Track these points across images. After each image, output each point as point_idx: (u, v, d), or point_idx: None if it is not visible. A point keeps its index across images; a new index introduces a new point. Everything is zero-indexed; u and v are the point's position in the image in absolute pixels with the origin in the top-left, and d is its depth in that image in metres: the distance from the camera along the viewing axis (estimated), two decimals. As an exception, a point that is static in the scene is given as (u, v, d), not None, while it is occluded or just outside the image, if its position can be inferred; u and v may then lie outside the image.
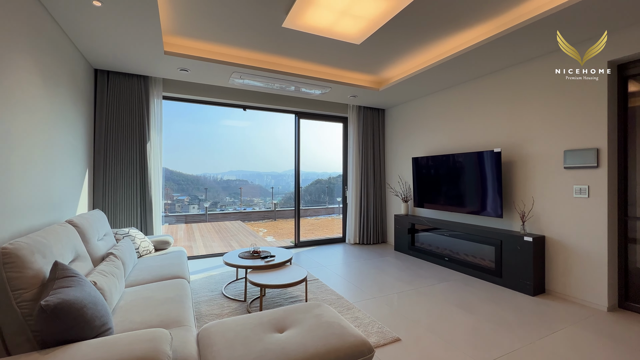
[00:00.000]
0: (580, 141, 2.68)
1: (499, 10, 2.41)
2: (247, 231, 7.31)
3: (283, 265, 2.83)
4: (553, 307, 2.58)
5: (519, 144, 3.16)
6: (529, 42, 2.67)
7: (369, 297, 2.84)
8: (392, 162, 5.12)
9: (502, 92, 3.32)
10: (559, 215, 2.82)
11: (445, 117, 4.06)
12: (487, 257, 3.31)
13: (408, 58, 3.38)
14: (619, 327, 2.25)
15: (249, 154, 19.28)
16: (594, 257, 2.58)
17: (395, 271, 3.61)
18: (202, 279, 3.32)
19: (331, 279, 3.33)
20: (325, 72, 3.82)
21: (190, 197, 12.50)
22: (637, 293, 2.53)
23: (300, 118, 4.90)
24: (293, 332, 1.45)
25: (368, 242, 5.07)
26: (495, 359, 1.85)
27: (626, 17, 2.26)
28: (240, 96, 4.21)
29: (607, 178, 2.52)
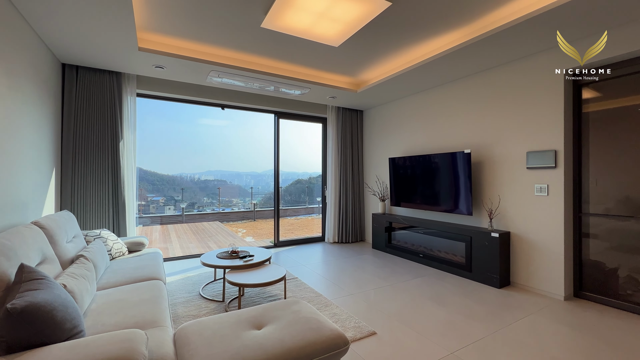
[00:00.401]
0: (540, 143, 2.89)
1: (468, 18, 2.55)
2: (225, 232, 7.20)
3: (262, 264, 2.84)
4: (516, 298, 2.77)
5: (487, 145, 3.35)
6: (495, 50, 2.84)
7: (346, 294, 2.91)
8: (370, 162, 5.25)
9: (472, 97, 3.51)
10: (522, 212, 3.02)
11: (420, 119, 4.22)
12: (459, 253, 3.48)
13: (385, 61, 3.49)
14: (574, 314, 2.46)
15: (228, 154, 18.91)
16: (552, 251, 2.80)
17: (372, 268, 3.71)
18: (179, 280, 3.26)
19: (310, 278, 3.38)
20: (305, 73, 3.86)
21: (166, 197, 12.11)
22: (590, 283, 2.76)
23: (279, 118, 4.90)
24: (271, 328, 1.48)
25: (347, 241, 5.16)
26: (464, 347, 1.97)
27: (581, 30, 2.47)
28: (219, 95, 4.16)
29: (564, 178, 2.74)
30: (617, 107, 2.65)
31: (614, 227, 2.65)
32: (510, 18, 2.42)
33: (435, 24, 2.64)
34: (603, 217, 2.71)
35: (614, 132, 2.65)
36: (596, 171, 2.75)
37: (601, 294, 2.69)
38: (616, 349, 1.95)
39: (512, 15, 2.42)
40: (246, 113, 4.77)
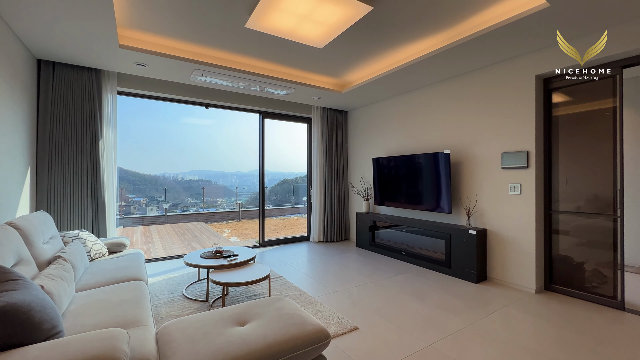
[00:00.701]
0: (514, 144, 3.04)
1: (447, 24, 2.66)
2: (209, 232, 7.12)
3: (246, 264, 2.85)
4: (492, 292, 2.90)
5: (465, 146, 3.49)
6: (472, 54, 2.97)
7: (330, 291, 2.96)
8: (354, 162, 5.33)
9: (452, 99, 3.64)
10: (498, 210, 3.17)
11: (402, 120, 4.33)
12: (439, 250, 3.60)
13: (368, 63, 3.56)
14: (543, 305, 2.60)
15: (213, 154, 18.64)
16: (525, 247, 2.95)
17: (356, 266, 3.78)
18: (161, 281, 3.22)
19: (295, 276, 3.41)
20: (290, 74, 3.88)
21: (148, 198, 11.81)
22: (559, 277, 2.93)
23: (264, 118, 4.91)
24: (254, 324, 1.51)
25: (332, 240, 5.22)
26: (441, 339, 2.06)
27: (549, 38, 2.62)
28: (203, 94, 4.12)
29: (535, 177, 2.89)
30: (584, 111, 2.82)
31: (583, 224, 2.83)
32: (485, 25, 2.54)
33: (416, 29, 2.73)
34: (572, 215, 2.88)
35: (582, 135, 2.83)
36: (566, 171, 2.92)
37: (569, 286, 2.86)
38: (581, 337, 2.09)
39: (487, 22, 2.54)
40: (231, 112, 4.75)
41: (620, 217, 2.55)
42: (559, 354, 1.90)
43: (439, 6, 2.38)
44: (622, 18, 2.29)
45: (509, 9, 2.39)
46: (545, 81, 2.97)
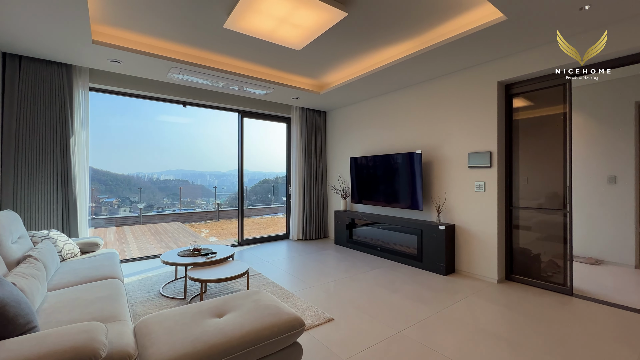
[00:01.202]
0: (479, 145, 3.26)
1: (418, 31, 2.82)
2: (187, 232, 7.01)
3: (225, 261, 2.89)
4: (458, 283, 3.11)
5: (436, 146, 3.70)
6: (441, 60, 3.16)
7: (308, 286, 3.05)
8: (332, 162, 5.45)
9: (424, 102, 3.84)
10: (465, 206, 3.39)
11: (378, 121, 4.50)
12: (411, 245, 3.79)
13: (345, 66, 3.69)
14: (504, 294, 2.83)
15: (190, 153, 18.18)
16: (488, 241, 3.18)
17: (333, 262, 3.90)
18: (137, 281, 3.18)
19: (273, 273, 3.47)
20: (269, 74, 3.94)
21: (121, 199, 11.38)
22: (519, 268, 3.18)
23: (244, 117, 4.92)
24: (231, 315, 1.57)
25: (311, 238, 5.31)
26: (410, 326, 2.21)
27: (510, 47, 2.85)
28: (180, 92, 4.09)
29: (497, 175, 3.13)
30: (540, 116, 3.08)
31: (539, 219, 3.09)
32: (452, 34, 2.73)
33: (388, 35, 2.88)
34: (529, 210, 3.14)
35: (538, 137, 3.09)
36: (525, 170, 3.17)
37: (527, 276, 3.11)
38: (533, 319, 2.31)
39: (453, 32, 2.73)
40: (210, 111, 4.73)
41: (569, 212, 2.82)
42: (513, 334, 2.09)
43: (409, 15, 2.53)
44: (573, 30, 2.54)
45: (473, 19, 2.59)
46: (506, 87, 3.22)
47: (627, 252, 3.64)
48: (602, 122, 3.86)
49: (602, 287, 2.97)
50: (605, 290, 2.90)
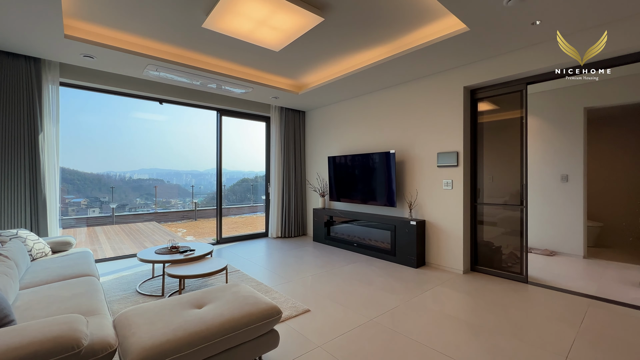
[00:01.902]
0: (447, 146, 3.49)
1: (391, 37, 2.99)
2: (163, 232, 6.87)
3: (203, 258, 2.92)
4: (428, 275, 3.32)
5: (408, 146, 3.90)
6: (413, 65, 3.36)
7: (286, 281, 3.15)
8: (311, 161, 5.57)
9: (397, 104, 4.04)
10: (434, 203, 3.61)
11: (355, 121, 4.66)
12: (386, 241, 3.98)
13: (323, 67, 3.81)
14: (468, 283, 3.06)
15: (166, 151, 17.66)
16: (455, 234, 3.42)
17: (311, 258, 4.02)
18: (113, 280, 3.14)
19: (252, 269, 3.54)
20: (247, 73, 3.98)
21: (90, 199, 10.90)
22: (483, 259, 3.44)
23: (222, 115, 4.92)
24: (211, 306, 1.64)
25: (289, 235, 5.40)
26: (381, 314, 2.36)
27: (476, 54, 3.08)
28: (157, 89, 4.04)
29: (463, 174, 3.37)
30: (501, 119, 3.35)
31: (500, 214, 3.36)
32: (422, 40, 2.92)
33: (363, 40, 3.03)
34: (491, 206, 3.40)
35: (501, 139, 3.36)
36: (490, 169, 3.43)
37: (490, 267, 3.38)
38: (492, 305, 2.53)
39: (424, 39, 2.92)
40: (187, 109, 4.69)
41: (525, 207, 3.10)
42: (473, 318, 2.30)
43: (381, 23, 2.69)
44: (529, 42, 2.80)
45: (440, 28, 2.78)
46: (471, 92, 3.46)
47: (577, 244, 4.03)
48: (556, 125, 4.23)
49: (554, 276, 3.28)
50: (557, 277, 3.21)
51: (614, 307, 2.50)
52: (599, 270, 3.45)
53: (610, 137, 4.80)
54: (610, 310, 2.44)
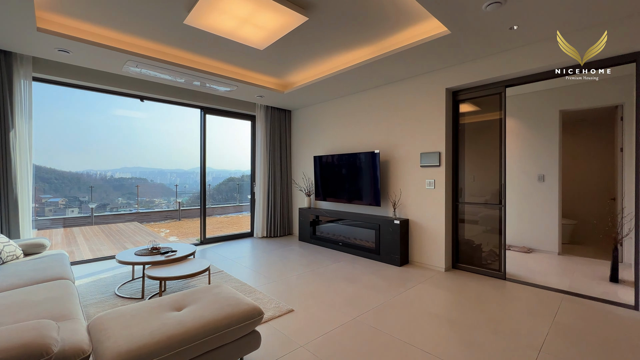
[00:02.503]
0: (430, 146, 3.56)
1: (375, 38, 3.02)
2: (145, 232, 6.69)
3: (185, 259, 2.87)
4: (411, 273, 3.38)
5: (392, 146, 3.95)
6: (397, 66, 3.40)
7: (270, 281, 3.13)
8: (297, 160, 5.55)
9: (382, 104, 4.08)
10: (417, 202, 3.68)
11: (341, 121, 4.69)
12: (370, 240, 4.02)
13: (309, 67, 3.80)
14: (449, 280, 3.14)
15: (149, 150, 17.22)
16: (437, 233, 3.49)
17: (297, 258, 4.01)
18: (90, 282, 3.04)
19: (236, 270, 3.50)
20: (232, 71, 3.93)
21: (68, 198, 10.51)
22: (464, 257, 3.53)
23: (206, 113, 4.84)
24: (191, 308, 1.62)
25: (275, 235, 5.37)
26: (364, 312, 2.39)
27: (458, 57, 3.15)
28: (138, 86, 3.93)
29: (445, 174, 3.44)
30: (482, 120, 3.45)
31: (480, 213, 3.46)
32: (406, 42, 2.97)
33: (348, 40, 3.04)
34: (472, 205, 3.50)
35: (481, 140, 3.45)
36: (471, 169, 3.52)
37: (471, 264, 3.47)
38: (471, 301, 2.61)
39: (406, 40, 2.96)
40: (171, 106, 4.59)
41: (503, 206, 3.20)
42: (453, 314, 2.36)
43: (365, 24, 2.71)
44: (506, 47, 2.89)
45: (423, 30, 2.83)
46: (453, 93, 3.54)
47: (552, 241, 4.19)
48: (533, 127, 4.39)
49: (530, 272, 3.40)
50: (533, 274, 3.33)
51: (585, 301, 2.62)
52: (572, 266, 3.60)
53: (582, 139, 5.01)
54: (582, 304, 2.56)
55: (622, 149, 3.78)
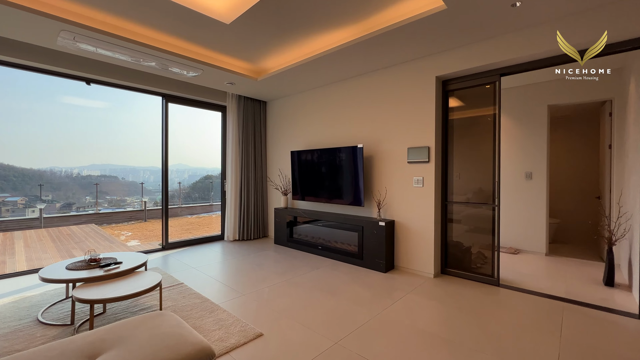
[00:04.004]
0: (418, 140, 3.24)
1: (357, 17, 2.63)
2: (100, 236, 5.98)
3: (132, 272, 2.37)
4: (398, 280, 3.05)
5: (377, 141, 3.60)
6: (381, 50, 3.04)
7: (238, 295, 2.69)
8: (273, 155, 5.10)
9: (365, 95, 3.72)
10: (404, 202, 3.35)
11: (321, 113, 4.28)
12: (352, 243, 3.66)
13: (284, 50, 3.36)
14: (440, 288, 2.83)
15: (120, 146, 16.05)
16: (426, 236, 3.18)
17: (271, 264, 3.58)
18: (10, 303, 2.46)
19: (199, 281, 3.02)
20: (197, 52, 3.41)
21: (30, 197, 9.49)
22: (453, 261, 3.25)
23: (168, 102, 4.27)
24: (111, 355, 1.16)
25: (248, 238, 4.90)
26: (348, 334, 2.01)
27: (451, 40, 2.83)
28: (82, 65, 3.32)
29: (435, 171, 3.14)
30: (475, 114, 3.17)
31: (472, 213, 3.18)
32: (390, 22, 2.60)
33: (327, 19, 2.64)
34: (462, 205, 3.22)
35: (474, 134, 3.17)
36: (459, 167, 3.24)
37: (461, 269, 3.19)
38: (466, 314, 2.30)
39: (392, 20, 2.60)
40: (136, 95, 3.99)
41: (497, 206, 2.94)
42: (450, 333, 2.04)
43: None
44: (505, 29, 2.60)
45: (413, 7, 2.48)
46: (444, 83, 3.24)
47: (539, 242, 4.03)
48: (520, 122, 4.20)
49: (523, 276, 3.18)
50: (526, 278, 3.11)
51: (586, 310, 2.39)
52: (563, 268, 3.43)
53: (563, 136, 4.92)
54: (584, 314, 2.32)
55: (610, 145, 3.65)
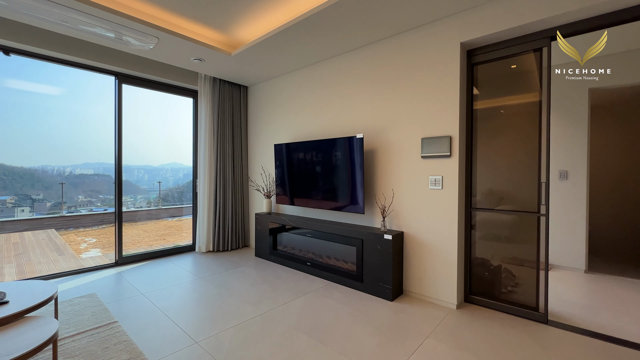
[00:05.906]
0: (435, 128, 2.47)
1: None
2: (52, 244, 5.13)
3: (20, 318, 1.57)
4: (409, 314, 2.28)
5: (381, 129, 2.83)
6: (385, 9, 2.27)
7: (188, 342, 1.90)
8: (255, 150, 4.30)
9: (367, 71, 2.94)
10: (417, 208, 2.59)
11: (312, 97, 3.50)
12: (349, 259, 2.90)
13: (263, 12, 2.58)
14: (469, 329, 2.08)
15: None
16: (446, 252, 2.43)
17: (245, 288, 2.79)
18: None
19: (142, 319, 2.22)
20: (151, 15, 2.62)
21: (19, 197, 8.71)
22: (478, 284, 2.50)
23: (122, 83, 3.46)
24: None
25: (225, 249, 4.10)
26: None
27: None
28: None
29: (458, 168, 2.38)
30: (494, 106, 2.42)
31: (506, 224, 2.44)
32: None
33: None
34: (496, 213, 2.46)
35: (510, 122, 2.42)
36: (490, 163, 2.49)
37: (491, 297, 2.44)
38: (519, 381, 1.55)
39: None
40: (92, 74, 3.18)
41: (545, 215, 2.19)
42: None
43: None
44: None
45: None
46: (469, 53, 2.48)
47: (578, 255, 3.30)
48: (552, 110, 3.46)
49: (573, 306, 2.45)
50: (578, 309, 2.37)
51: (689, 370, 1.65)
52: (619, 293, 2.69)
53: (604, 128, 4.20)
54: (690, 378, 1.58)
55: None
